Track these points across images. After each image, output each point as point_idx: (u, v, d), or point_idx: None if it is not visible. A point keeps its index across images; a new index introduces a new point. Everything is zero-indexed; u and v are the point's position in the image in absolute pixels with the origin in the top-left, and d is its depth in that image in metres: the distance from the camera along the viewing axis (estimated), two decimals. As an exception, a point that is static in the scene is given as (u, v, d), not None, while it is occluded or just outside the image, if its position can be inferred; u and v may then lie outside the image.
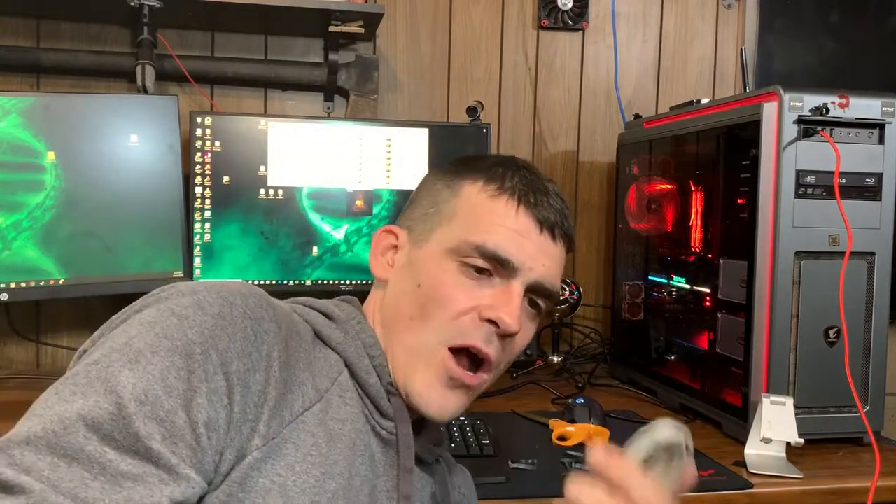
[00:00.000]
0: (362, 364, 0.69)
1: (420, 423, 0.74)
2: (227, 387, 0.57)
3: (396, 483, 0.69)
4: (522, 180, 0.73)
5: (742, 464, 1.19)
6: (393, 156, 1.74)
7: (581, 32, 2.05)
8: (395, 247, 0.77)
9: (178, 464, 0.53)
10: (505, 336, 0.70)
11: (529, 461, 1.16)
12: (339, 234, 1.71)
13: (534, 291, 0.72)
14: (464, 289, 0.70)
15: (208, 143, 1.66)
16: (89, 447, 0.51)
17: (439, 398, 0.70)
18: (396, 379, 0.71)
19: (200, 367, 0.56)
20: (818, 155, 1.25)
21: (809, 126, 1.25)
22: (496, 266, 0.70)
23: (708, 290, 1.44)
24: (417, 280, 0.71)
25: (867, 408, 1.29)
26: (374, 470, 0.68)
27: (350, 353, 0.69)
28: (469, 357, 0.70)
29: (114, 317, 0.63)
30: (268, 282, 1.68)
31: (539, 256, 0.71)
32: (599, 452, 0.56)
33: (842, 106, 1.26)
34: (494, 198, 0.72)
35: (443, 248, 0.71)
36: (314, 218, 1.70)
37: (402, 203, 1.37)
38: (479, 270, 0.70)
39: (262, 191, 1.68)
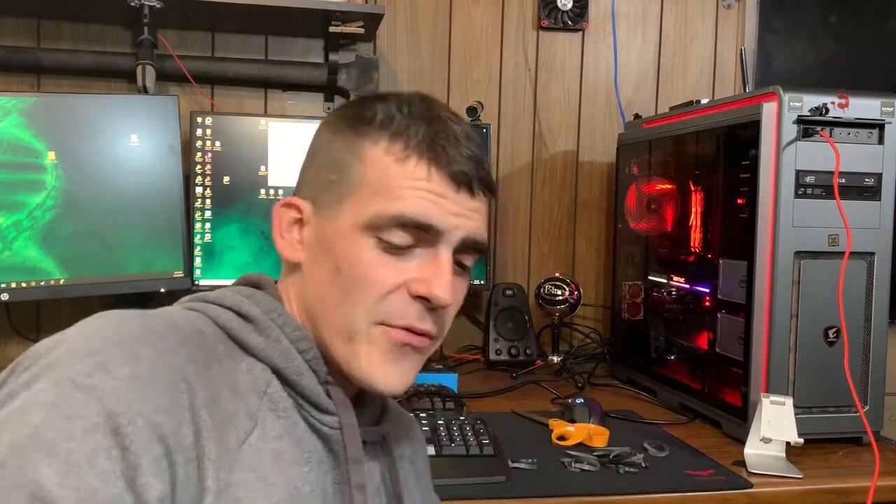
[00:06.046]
0: (292, 367, 0.63)
1: (356, 403, 0.70)
2: (164, 452, 0.50)
3: (347, 476, 0.64)
4: (428, 132, 0.65)
5: (742, 463, 1.19)
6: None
7: (581, 33, 2.05)
8: (300, 220, 0.69)
9: None
10: (438, 307, 0.65)
11: (529, 461, 1.17)
12: (339, 234, 1.71)
13: (462, 250, 0.67)
14: (387, 266, 0.64)
15: (209, 143, 1.66)
16: None
17: (390, 373, 0.65)
18: (342, 367, 0.66)
19: (132, 440, 0.48)
20: (818, 155, 1.25)
21: (809, 126, 1.25)
22: (419, 235, 0.64)
23: (708, 290, 1.44)
24: (336, 263, 0.64)
25: (867, 407, 1.29)
26: (321, 469, 0.64)
27: (276, 359, 0.62)
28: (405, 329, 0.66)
29: None
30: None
31: (462, 213, 0.66)
32: None
33: (841, 106, 1.27)
34: (402, 161, 0.64)
35: (357, 224, 0.64)
36: (314, 218, 1.70)
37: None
38: (400, 246, 0.64)
39: (263, 191, 1.68)
